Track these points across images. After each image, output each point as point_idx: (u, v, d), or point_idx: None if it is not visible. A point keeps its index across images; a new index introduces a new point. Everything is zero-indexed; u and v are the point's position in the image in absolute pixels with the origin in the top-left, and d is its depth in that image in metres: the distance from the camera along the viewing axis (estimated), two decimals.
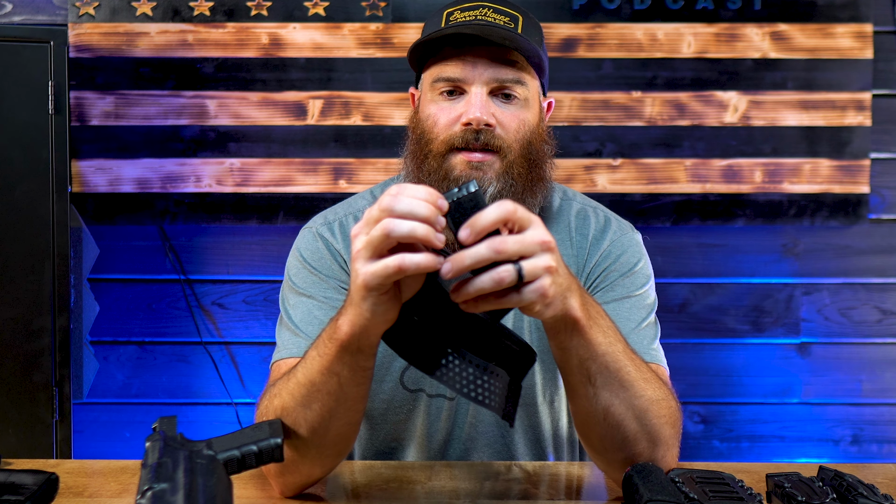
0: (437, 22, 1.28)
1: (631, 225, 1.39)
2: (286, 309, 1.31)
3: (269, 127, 2.44)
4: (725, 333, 2.54)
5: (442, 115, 1.25)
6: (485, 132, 1.22)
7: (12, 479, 1.01)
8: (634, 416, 1.06)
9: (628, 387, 1.05)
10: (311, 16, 2.43)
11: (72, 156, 2.35)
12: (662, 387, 1.11)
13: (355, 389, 1.01)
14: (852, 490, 1.01)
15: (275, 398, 1.07)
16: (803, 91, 2.46)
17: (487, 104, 1.23)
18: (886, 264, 2.53)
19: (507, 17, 1.26)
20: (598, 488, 1.20)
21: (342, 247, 1.33)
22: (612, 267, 1.31)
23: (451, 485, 1.15)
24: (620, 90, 2.45)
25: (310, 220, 1.40)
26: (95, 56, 2.41)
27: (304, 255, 1.33)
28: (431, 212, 0.87)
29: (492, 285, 0.87)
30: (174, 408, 2.49)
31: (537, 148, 1.28)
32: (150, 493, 0.80)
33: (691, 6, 2.45)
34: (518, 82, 1.25)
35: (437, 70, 1.26)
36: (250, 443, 0.95)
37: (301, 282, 1.31)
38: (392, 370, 1.33)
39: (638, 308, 1.29)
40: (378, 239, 0.87)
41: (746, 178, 2.47)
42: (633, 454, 1.08)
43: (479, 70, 1.23)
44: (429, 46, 1.27)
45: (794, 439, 2.55)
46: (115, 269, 2.48)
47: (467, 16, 1.26)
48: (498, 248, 0.87)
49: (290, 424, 1.04)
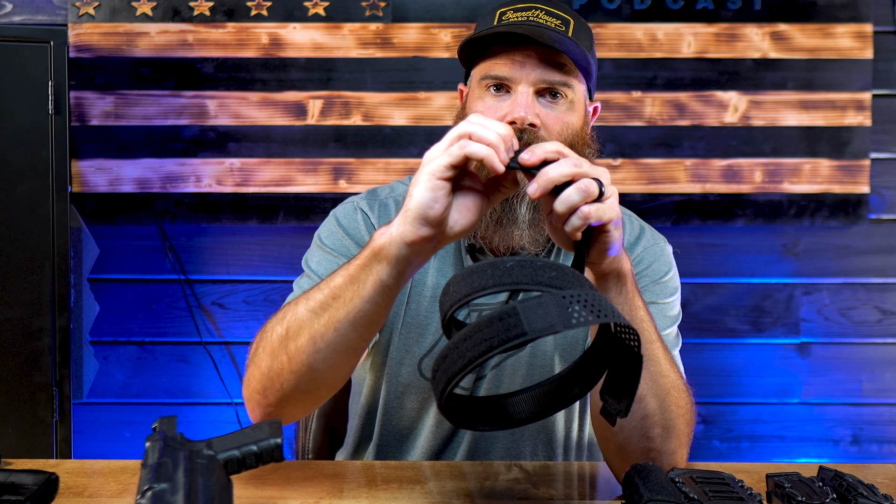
0: (490, 21, 1.29)
1: (664, 238, 1.41)
2: (308, 264, 1.33)
3: (269, 127, 2.44)
4: (725, 333, 2.54)
5: (488, 112, 1.26)
6: (528, 132, 1.23)
7: (12, 479, 1.01)
8: (655, 393, 1.09)
9: (655, 362, 1.09)
10: (311, 16, 2.43)
11: (72, 156, 2.35)
12: (682, 379, 1.15)
13: (369, 308, 1.03)
14: (852, 490, 1.01)
15: (288, 311, 1.10)
16: (803, 91, 2.46)
17: (533, 104, 1.24)
18: (886, 264, 2.53)
19: (559, 20, 1.27)
20: (598, 488, 1.20)
21: (377, 223, 1.33)
22: (643, 272, 1.33)
23: (451, 485, 1.15)
24: (620, 90, 2.45)
25: (355, 195, 1.42)
26: (95, 56, 2.41)
27: (341, 221, 1.35)
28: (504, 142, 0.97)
29: (580, 196, 0.94)
30: (174, 408, 2.49)
31: (579, 151, 1.28)
32: (150, 493, 0.80)
33: (691, 6, 2.45)
34: (564, 84, 1.26)
35: (486, 67, 1.27)
36: (250, 443, 0.95)
37: (331, 242, 1.33)
38: (411, 354, 1.34)
39: (663, 316, 1.31)
40: (454, 138, 0.97)
41: (746, 178, 2.47)
42: (649, 438, 1.10)
43: (526, 70, 1.24)
44: (479, 45, 1.29)
45: (794, 439, 2.56)
46: (115, 269, 2.48)
47: (519, 16, 1.27)
48: (578, 164, 0.96)
49: (294, 334, 1.07)
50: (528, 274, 0.87)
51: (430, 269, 1.35)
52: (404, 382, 1.34)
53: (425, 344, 1.33)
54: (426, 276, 1.34)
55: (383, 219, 1.34)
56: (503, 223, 1.25)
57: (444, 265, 1.35)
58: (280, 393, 1.12)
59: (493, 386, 1.33)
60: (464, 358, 0.82)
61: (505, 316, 0.81)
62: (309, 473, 1.19)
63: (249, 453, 0.94)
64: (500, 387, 1.33)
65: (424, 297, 1.33)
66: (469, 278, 0.90)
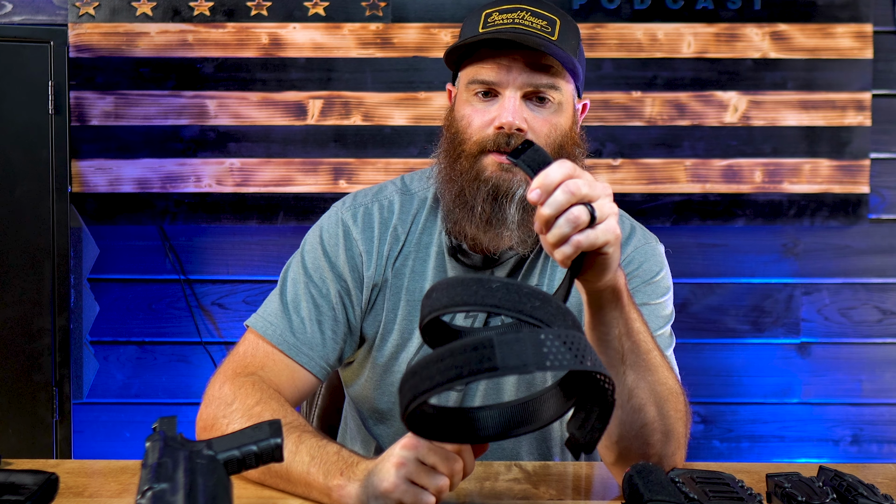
0: (476, 22, 1.29)
1: (656, 237, 1.40)
2: (286, 275, 1.34)
3: (269, 127, 2.44)
4: (725, 333, 2.54)
5: (476, 116, 1.27)
6: (516, 136, 1.23)
7: (12, 479, 1.01)
8: (655, 402, 1.09)
9: (653, 371, 1.09)
10: (311, 16, 2.43)
11: (72, 156, 2.35)
12: (678, 383, 1.15)
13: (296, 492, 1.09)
14: (852, 490, 1.01)
15: (227, 393, 1.18)
16: (803, 91, 2.46)
17: (520, 109, 1.24)
18: (886, 264, 2.53)
19: (545, 21, 1.26)
20: (598, 488, 1.20)
21: (360, 237, 1.33)
22: (633, 273, 1.32)
23: None
24: (620, 90, 2.45)
25: (344, 197, 1.41)
26: (95, 56, 2.41)
27: (324, 237, 1.35)
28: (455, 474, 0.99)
29: (569, 225, 0.95)
30: (174, 408, 2.49)
31: (568, 151, 1.29)
32: (150, 493, 0.80)
33: (691, 6, 2.45)
34: (552, 87, 1.26)
35: (473, 71, 1.27)
36: (250, 443, 0.95)
37: (311, 261, 1.34)
38: (399, 362, 1.33)
39: (655, 316, 1.29)
40: None
41: (746, 178, 2.46)
42: (649, 444, 1.10)
43: (513, 74, 1.24)
44: (466, 47, 1.28)
45: (794, 439, 2.55)
46: (115, 269, 2.48)
47: (505, 18, 1.26)
48: (572, 189, 0.95)
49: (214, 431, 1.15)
50: (511, 299, 0.87)
51: (427, 274, 1.34)
52: (395, 391, 1.34)
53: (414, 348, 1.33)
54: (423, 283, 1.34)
55: (367, 230, 1.34)
56: (493, 224, 1.25)
57: (425, 268, 1.34)
58: None
59: (491, 384, 1.34)
60: (432, 380, 0.82)
61: (480, 346, 0.80)
62: None
63: (249, 453, 0.94)
64: (498, 388, 1.34)
65: (416, 301, 1.33)
66: (453, 289, 0.89)
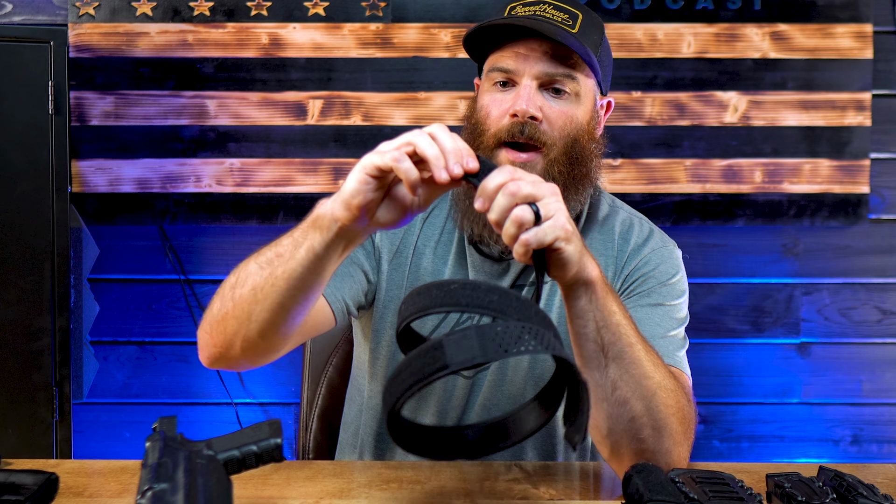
0: (500, 15, 1.30)
1: (674, 242, 1.42)
2: None
3: (269, 127, 2.44)
4: (725, 333, 2.54)
5: (494, 106, 1.28)
6: (529, 125, 1.24)
7: (12, 479, 1.01)
8: (641, 396, 1.09)
9: (638, 364, 1.09)
10: (311, 16, 2.43)
11: (72, 156, 2.35)
12: (673, 379, 1.14)
13: (301, 271, 1.09)
14: (852, 490, 1.01)
15: (243, 263, 1.19)
16: (803, 91, 2.46)
17: (535, 97, 1.25)
18: (886, 264, 2.53)
19: (567, 15, 1.27)
20: (598, 488, 1.20)
21: None
22: (650, 274, 1.33)
23: (451, 485, 1.15)
24: (620, 90, 2.45)
25: None
26: (95, 56, 2.41)
27: None
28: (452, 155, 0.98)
29: (514, 226, 0.97)
30: (174, 408, 2.49)
31: (583, 145, 1.29)
32: (150, 493, 0.80)
33: (691, 6, 2.45)
34: (568, 77, 1.26)
35: (493, 60, 1.29)
36: (250, 443, 0.95)
37: None
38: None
39: (669, 318, 1.30)
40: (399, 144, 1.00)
41: (746, 178, 2.46)
42: (639, 439, 1.10)
43: (530, 63, 1.25)
44: (489, 38, 1.30)
45: (794, 439, 2.55)
46: (115, 269, 2.48)
47: (527, 10, 1.28)
48: (512, 191, 0.97)
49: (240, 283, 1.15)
50: (469, 296, 0.91)
51: (429, 255, 1.36)
52: None
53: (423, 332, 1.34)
54: (424, 261, 1.36)
55: None
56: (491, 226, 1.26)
57: (447, 253, 1.36)
58: (224, 336, 1.18)
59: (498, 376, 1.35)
60: (404, 384, 0.85)
61: (431, 349, 0.85)
62: (309, 473, 1.19)
63: (249, 453, 0.94)
64: (505, 378, 1.35)
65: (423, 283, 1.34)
66: (416, 297, 0.94)
